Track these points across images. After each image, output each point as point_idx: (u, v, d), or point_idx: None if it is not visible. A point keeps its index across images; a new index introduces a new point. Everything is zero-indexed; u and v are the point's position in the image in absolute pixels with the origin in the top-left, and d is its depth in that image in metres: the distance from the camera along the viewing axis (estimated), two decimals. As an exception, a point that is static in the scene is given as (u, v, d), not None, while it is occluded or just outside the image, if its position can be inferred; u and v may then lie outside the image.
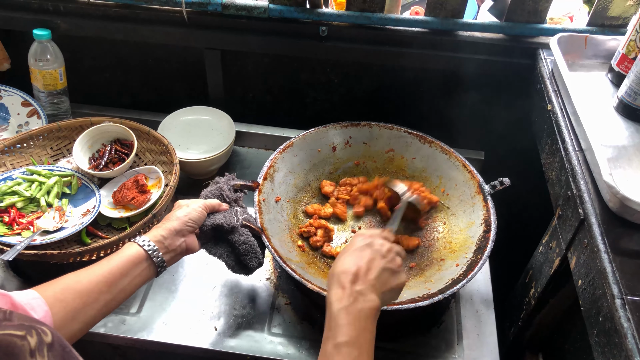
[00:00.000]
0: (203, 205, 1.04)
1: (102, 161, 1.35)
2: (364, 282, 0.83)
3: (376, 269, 0.85)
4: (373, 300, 0.82)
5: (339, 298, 0.81)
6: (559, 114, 1.14)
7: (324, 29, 1.42)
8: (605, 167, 0.91)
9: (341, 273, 0.85)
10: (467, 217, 1.26)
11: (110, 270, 0.88)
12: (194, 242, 1.03)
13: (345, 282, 0.83)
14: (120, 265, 0.90)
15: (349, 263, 0.86)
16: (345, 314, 0.79)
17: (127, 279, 0.90)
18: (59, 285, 0.84)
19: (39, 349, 0.52)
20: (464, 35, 1.41)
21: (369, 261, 0.86)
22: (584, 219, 0.92)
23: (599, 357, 0.81)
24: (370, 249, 0.88)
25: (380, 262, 0.86)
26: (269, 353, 1.11)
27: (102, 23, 1.47)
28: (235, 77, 1.62)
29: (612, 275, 0.81)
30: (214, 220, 1.04)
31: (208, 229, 1.04)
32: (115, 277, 0.88)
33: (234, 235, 1.06)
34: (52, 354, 0.53)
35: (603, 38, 1.30)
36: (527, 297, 1.21)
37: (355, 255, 0.87)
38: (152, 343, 1.13)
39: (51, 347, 0.54)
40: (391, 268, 0.87)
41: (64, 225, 1.22)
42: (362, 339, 0.79)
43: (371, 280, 0.83)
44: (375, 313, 0.82)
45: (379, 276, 0.84)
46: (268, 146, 1.61)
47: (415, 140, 1.39)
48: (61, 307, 0.81)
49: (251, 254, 1.08)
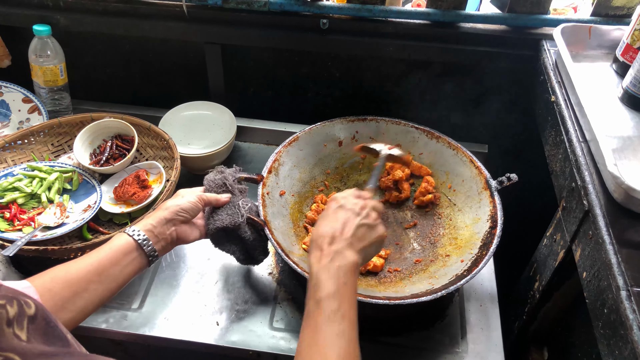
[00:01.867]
0: (198, 197, 1.04)
1: (103, 157, 1.34)
2: (340, 241, 0.85)
3: (351, 227, 0.88)
4: (351, 256, 0.84)
5: (318, 259, 0.84)
6: (562, 105, 1.13)
7: (325, 21, 1.41)
8: (610, 158, 0.90)
9: (318, 237, 0.87)
10: (474, 213, 1.25)
11: (100, 260, 0.88)
12: (186, 232, 1.03)
13: (323, 244, 0.85)
14: (110, 254, 0.90)
15: (325, 227, 0.88)
16: (324, 272, 0.81)
17: (117, 268, 0.90)
18: (48, 275, 0.84)
19: (17, 320, 0.51)
20: (467, 27, 1.40)
21: (344, 221, 0.88)
22: (589, 210, 0.91)
23: (604, 350, 0.80)
24: (344, 210, 0.91)
25: (355, 219, 0.89)
26: (271, 348, 1.10)
27: (102, 18, 1.47)
28: (236, 72, 1.61)
29: (617, 266, 0.79)
30: (218, 223, 1.05)
31: (213, 231, 1.05)
32: (105, 267, 0.88)
33: (240, 232, 1.07)
34: (33, 326, 0.52)
35: (607, 28, 1.29)
36: (532, 290, 1.20)
37: (330, 218, 0.90)
38: (154, 338, 1.12)
39: (33, 319, 0.53)
40: (367, 223, 0.89)
41: (65, 221, 1.21)
42: (342, 291, 0.80)
43: (347, 238, 0.86)
44: (354, 269, 0.84)
45: (354, 233, 0.87)
46: (270, 141, 1.60)
47: (423, 136, 1.38)
48: (50, 296, 0.81)
49: (259, 247, 1.10)
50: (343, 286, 0.80)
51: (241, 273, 1.24)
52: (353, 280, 0.83)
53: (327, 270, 0.81)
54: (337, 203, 0.93)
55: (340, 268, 0.82)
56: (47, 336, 0.53)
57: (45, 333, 0.53)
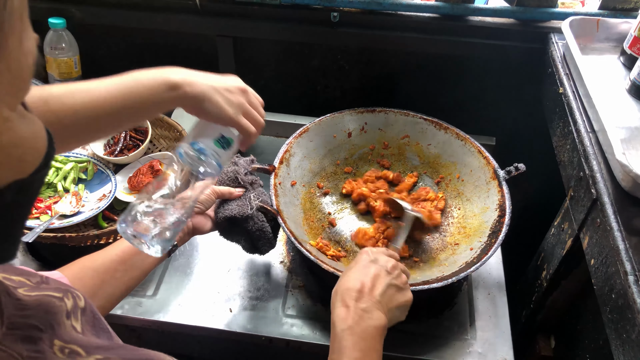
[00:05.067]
0: (212, 190, 1.06)
1: (117, 147, 1.36)
2: (368, 298, 0.80)
3: (381, 285, 0.82)
4: (379, 318, 0.79)
5: (343, 318, 0.78)
6: (570, 97, 1.14)
7: (335, 14, 1.43)
8: (618, 147, 0.91)
9: (345, 290, 0.82)
10: (482, 202, 1.27)
11: (123, 249, 0.91)
12: (202, 223, 1.05)
13: (349, 300, 0.80)
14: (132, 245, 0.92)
15: (353, 280, 0.83)
16: (350, 334, 0.76)
17: (140, 257, 0.92)
18: (77, 265, 0.87)
19: (73, 312, 0.53)
20: (475, 21, 1.42)
21: (374, 277, 0.83)
22: (597, 198, 0.92)
23: (612, 334, 0.82)
24: (375, 265, 0.86)
25: (386, 278, 0.84)
26: (283, 334, 1.13)
27: (116, 11, 1.49)
28: (247, 64, 1.63)
29: (625, 252, 0.81)
30: (227, 212, 1.06)
31: (222, 220, 1.07)
32: (129, 255, 0.90)
33: (248, 224, 1.08)
34: (85, 318, 0.54)
35: (615, 21, 1.30)
36: (539, 279, 1.22)
37: (359, 271, 0.85)
38: (168, 324, 1.15)
39: (84, 311, 0.55)
40: (397, 284, 0.85)
41: (81, 210, 1.24)
42: (369, 354, 0.76)
43: (376, 296, 0.81)
44: (381, 332, 0.79)
45: (384, 292, 0.82)
46: (280, 133, 1.62)
47: (431, 127, 1.40)
48: (81, 285, 0.83)
49: (264, 239, 1.10)
50: (369, 353, 0.75)
51: (253, 262, 1.26)
52: (380, 346, 0.78)
53: (352, 334, 0.76)
54: (368, 257, 0.88)
55: (367, 331, 0.77)
56: (95, 328, 0.55)
57: (93, 325, 0.55)
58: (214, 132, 0.84)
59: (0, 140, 0.38)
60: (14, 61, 0.37)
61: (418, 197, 1.35)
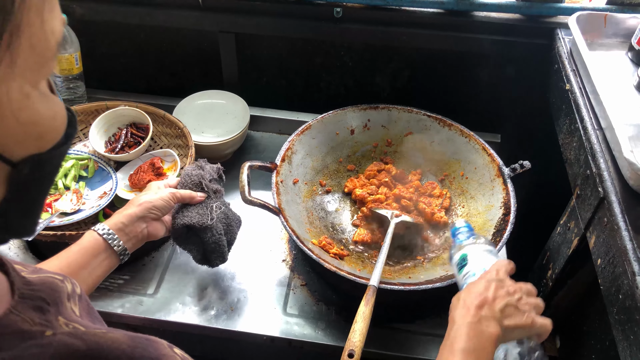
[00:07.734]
0: (171, 195, 1.02)
1: (118, 145, 1.35)
2: (488, 309, 0.83)
3: (501, 301, 0.85)
4: (494, 327, 0.81)
5: (463, 315, 0.82)
6: (577, 94, 1.12)
7: (338, 10, 1.41)
8: (626, 145, 0.89)
9: (467, 296, 0.86)
10: (487, 200, 1.25)
11: (69, 264, 0.87)
12: (157, 229, 1.02)
13: (471, 305, 0.83)
14: (79, 258, 0.89)
15: (477, 290, 0.86)
16: (467, 327, 0.80)
17: (86, 271, 0.89)
18: None
19: (72, 296, 0.54)
20: (480, 16, 1.40)
21: (495, 293, 0.86)
22: (604, 197, 0.90)
23: (619, 335, 0.80)
24: (498, 283, 0.88)
25: (506, 298, 0.86)
26: (285, 333, 1.12)
27: (117, 8, 1.48)
28: (249, 61, 1.61)
29: (632, 252, 0.80)
30: (185, 219, 1.02)
31: (179, 226, 1.02)
32: (74, 270, 0.87)
33: (205, 235, 1.04)
34: (81, 305, 0.55)
35: (623, 16, 1.28)
36: (545, 279, 1.20)
37: (483, 285, 0.88)
38: (169, 323, 1.14)
39: (80, 298, 0.56)
40: (517, 306, 0.86)
41: (82, 208, 1.23)
42: (480, 353, 0.78)
43: (495, 310, 0.83)
44: (493, 341, 0.81)
45: (503, 309, 0.84)
46: (282, 130, 1.61)
47: (435, 124, 1.38)
48: None
49: (217, 252, 1.06)
50: (482, 350, 0.79)
51: (255, 261, 1.25)
52: (491, 350, 0.80)
53: (472, 328, 0.80)
54: (497, 276, 0.90)
55: (483, 333, 0.80)
56: (91, 316, 0.56)
57: (89, 313, 0.56)
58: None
59: (20, 116, 0.39)
60: (35, 38, 0.39)
61: (424, 192, 1.33)
